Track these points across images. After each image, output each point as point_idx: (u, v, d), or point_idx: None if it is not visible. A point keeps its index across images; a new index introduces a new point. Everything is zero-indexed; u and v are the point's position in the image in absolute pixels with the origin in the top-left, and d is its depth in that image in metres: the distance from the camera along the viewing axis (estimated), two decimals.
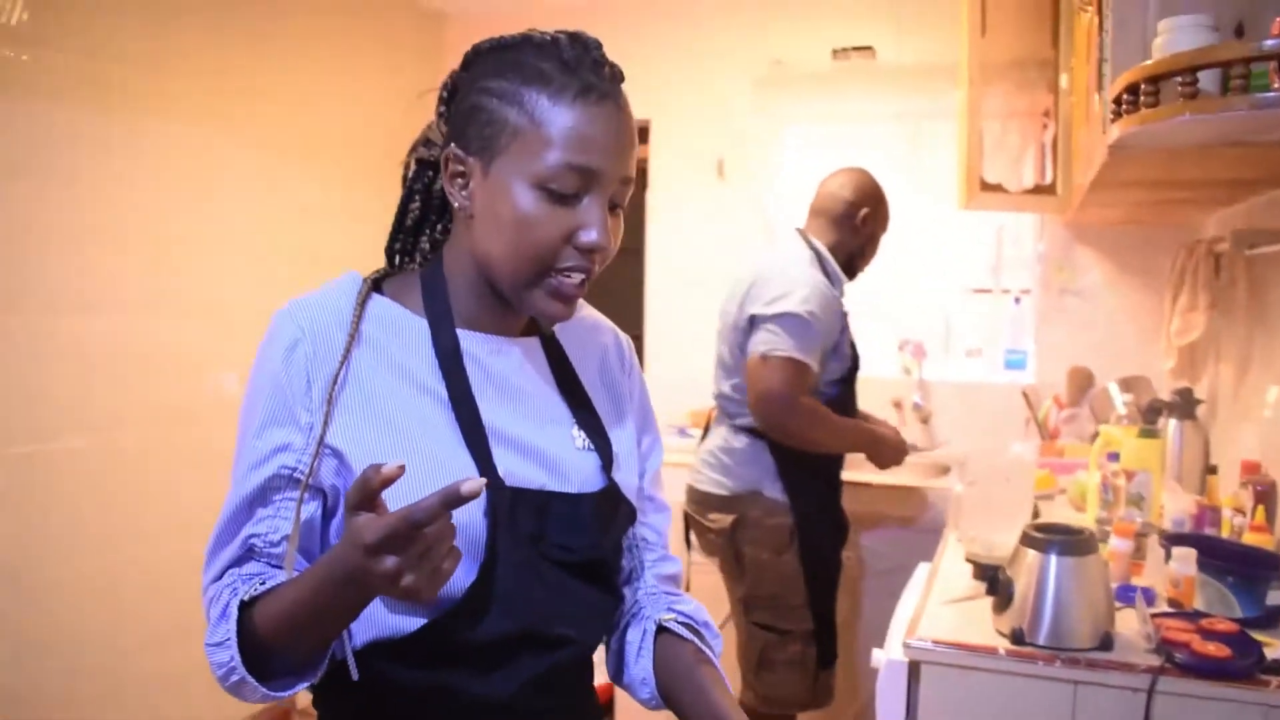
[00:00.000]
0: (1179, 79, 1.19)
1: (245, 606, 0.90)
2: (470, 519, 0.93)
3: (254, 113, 3.10)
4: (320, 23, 3.42)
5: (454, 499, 0.74)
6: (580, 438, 1.05)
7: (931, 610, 1.72)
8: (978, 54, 2.90)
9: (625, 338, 1.20)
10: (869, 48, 3.50)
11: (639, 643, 1.11)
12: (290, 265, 3.13)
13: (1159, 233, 3.07)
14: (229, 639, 0.89)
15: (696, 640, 1.10)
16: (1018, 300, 3.45)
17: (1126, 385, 2.78)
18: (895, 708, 1.62)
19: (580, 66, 0.93)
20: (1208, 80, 1.21)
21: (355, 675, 0.93)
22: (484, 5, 4.09)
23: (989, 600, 1.62)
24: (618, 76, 0.97)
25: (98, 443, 2.65)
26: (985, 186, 2.95)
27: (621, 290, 4.04)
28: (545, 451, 1.01)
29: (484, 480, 0.76)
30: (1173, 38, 1.28)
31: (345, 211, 3.34)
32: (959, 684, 1.54)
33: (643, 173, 3.97)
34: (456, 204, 0.97)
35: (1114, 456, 2.11)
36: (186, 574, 1.24)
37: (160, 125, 2.82)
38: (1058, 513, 2.35)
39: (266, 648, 0.89)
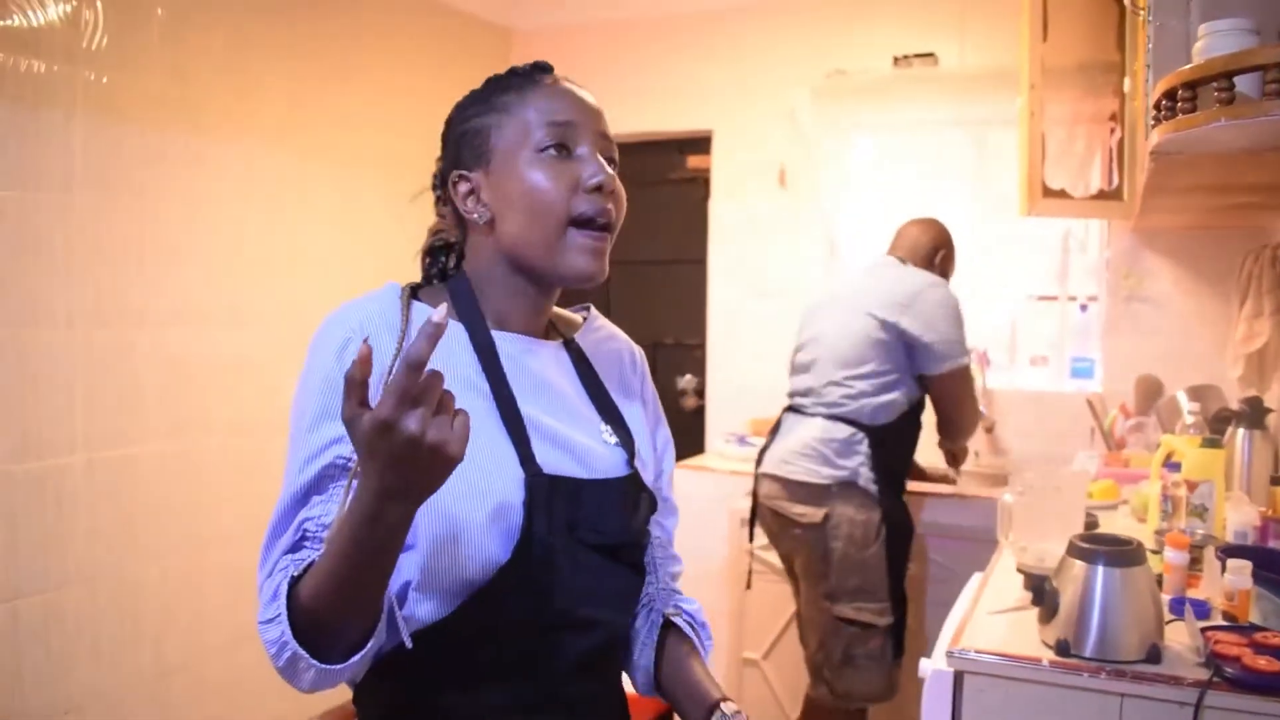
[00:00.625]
0: (1215, 84, 1.18)
1: (294, 584, 0.92)
2: (509, 504, 0.98)
3: (330, 133, 3.20)
4: (391, 44, 3.52)
5: (433, 331, 0.75)
6: (608, 432, 1.12)
7: (979, 620, 1.71)
8: (1038, 58, 2.87)
9: (638, 349, 1.27)
10: (931, 54, 3.48)
11: (645, 633, 1.17)
12: (366, 281, 3.19)
13: (1230, 237, 2.99)
14: (279, 614, 0.91)
15: (695, 639, 1.17)
16: (1084, 307, 3.39)
17: (1195, 394, 2.71)
18: (940, 718, 1.61)
19: (531, 70, 1.10)
20: (1247, 85, 1.19)
21: (408, 640, 0.94)
22: (548, 20, 4.16)
23: (1037, 611, 1.60)
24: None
25: (183, 447, 2.76)
26: (1048, 192, 2.91)
27: (684, 300, 4.08)
28: (577, 443, 1.07)
29: (444, 307, 0.77)
30: (1212, 42, 1.26)
31: (420, 228, 3.41)
32: (1003, 695, 1.53)
33: (705, 182, 4.00)
34: (475, 217, 1.06)
35: (1174, 466, 2.07)
36: None
37: (240, 146, 2.93)
38: (1119, 523, 2.31)
39: (317, 620, 0.90)
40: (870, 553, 2.57)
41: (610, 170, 1.05)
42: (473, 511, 0.97)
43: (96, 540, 2.54)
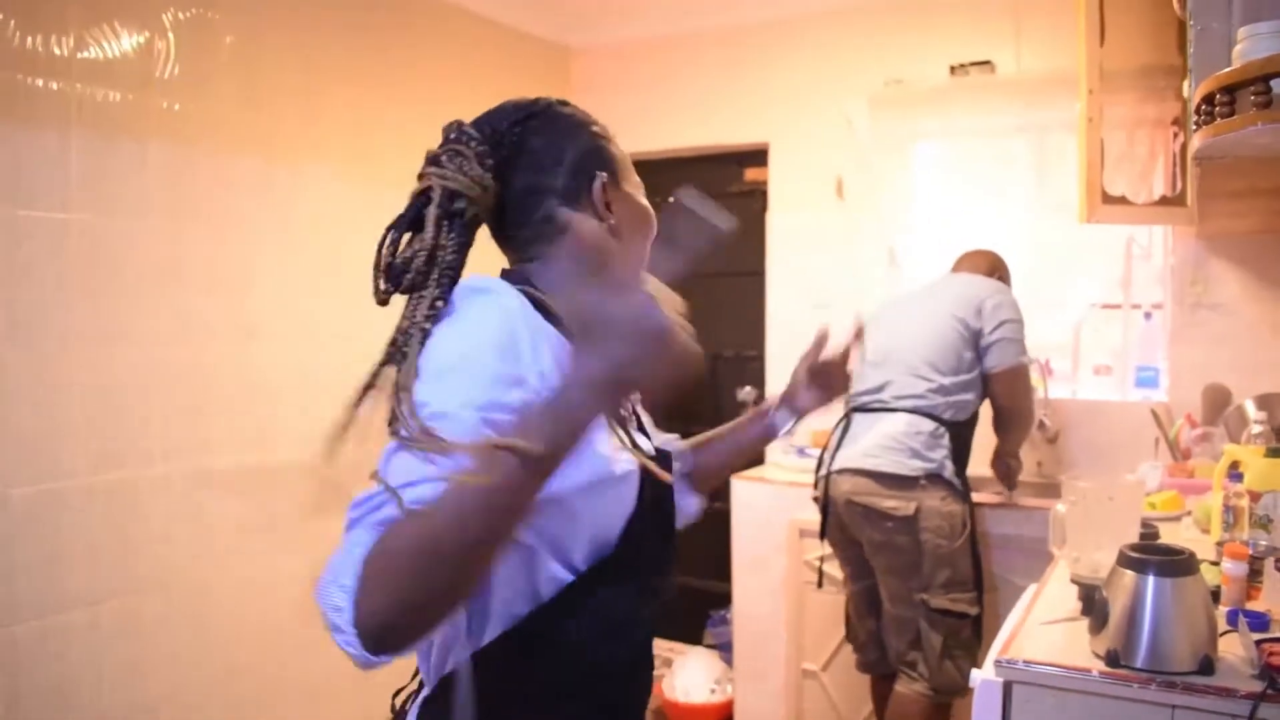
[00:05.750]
0: (1252, 88, 1.16)
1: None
2: (629, 481, 1.10)
3: (393, 156, 3.28)
4: (453, 66, 3.60)
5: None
6: (654, 434, 1.32)
7: (1030, 630, 1.70)
8: (1096, 63, 2.82)
9: None
10: (988, 62, 3.45)
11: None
12: None
13: None
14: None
15: None
16: (1148, 315, 3.31)
17: (1263, 403, 2.65)
18: None
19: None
20: None
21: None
22: (606, 38, 4.22)
23: (1087, 621, 1.59)
24: None
25: (256, 459, 2.85)
26: (1108, 199, 2.86)
27: (743, 312, 4.09)
28: (646, 441, 1.25)
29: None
30: (1251, 45, 1.24)
31: (479, 246, 3.49)
32: (1052, 705, 1.52)
33: (762, 194, 4.01)
34: (612, 221, 1.18)
35: (1237, 476, 2.02)
36: None
37: (309, 170, 3.03)
38: (1182, 535, 2.27)
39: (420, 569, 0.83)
40: (958, 545, 2.65)
41: None
42: (593, 473, 1.05)
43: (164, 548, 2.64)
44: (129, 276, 2.54)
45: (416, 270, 1.06)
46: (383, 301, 1.10)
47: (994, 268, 3.03)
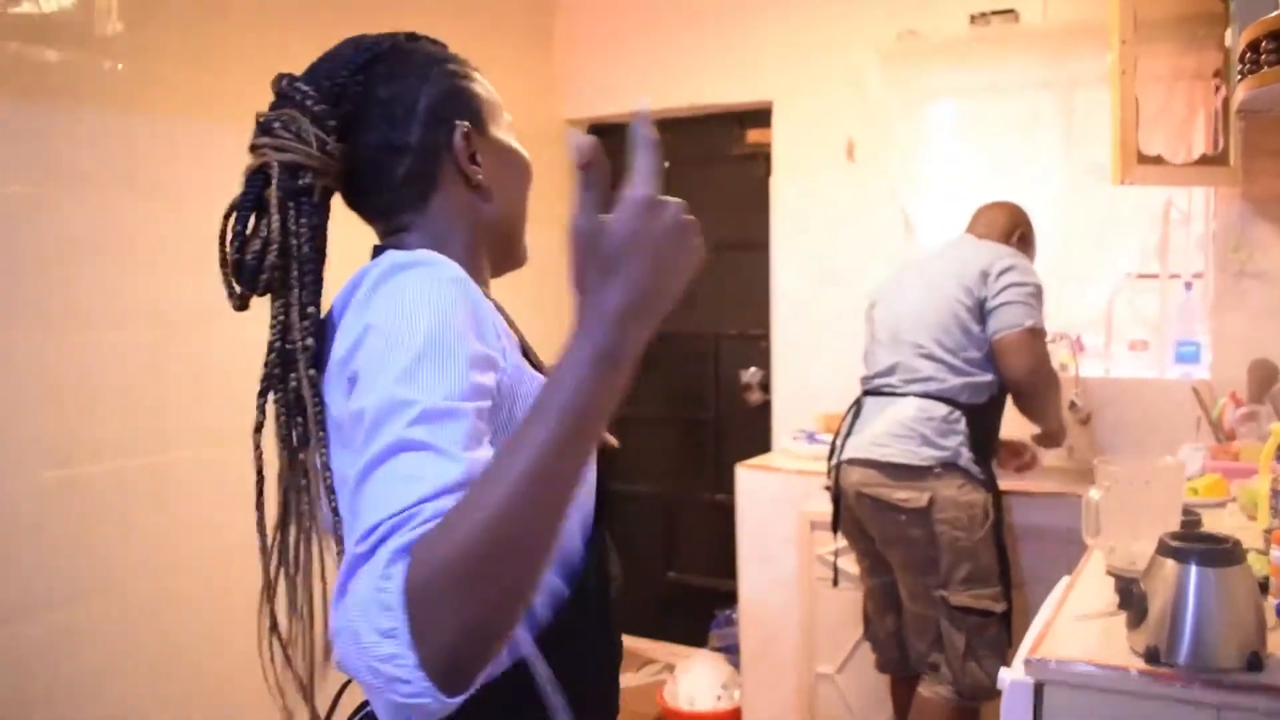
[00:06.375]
0: None
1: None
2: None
3: None
4: (429, 13, 3.56)
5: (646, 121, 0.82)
6: None
7: (1062, 627, 1.70)
8: (1130, 10, 2.81)
9: None
10: (1011, 11, 3.43)
11: None
12: None
13: None
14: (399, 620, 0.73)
15: None
16: (1188, 285, 3.31)
17: None
18: None
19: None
20: None
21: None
22: None
23: (1125, 616, 1.59)
24: None
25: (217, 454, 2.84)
26: (1143, 159, 2.86)
27: (746, 287, 4.08)
28: None
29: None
30: None
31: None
32: (1087, 707, 1.52)
33: (766, 158, 4.00)
34: (479, 179, 1.11)
35: None
36: None
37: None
38: (1227, 522, 2.27)
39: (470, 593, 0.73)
40: (980, 538, 2.64)
41: None
42: None
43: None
44: (69, 252, 2.51)
45: (271, 268, 0.98)
46: (240, 307, 1.03)
47: (1015, 223, 2.97)
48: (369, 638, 0.73)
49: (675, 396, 4.37)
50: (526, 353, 1.09)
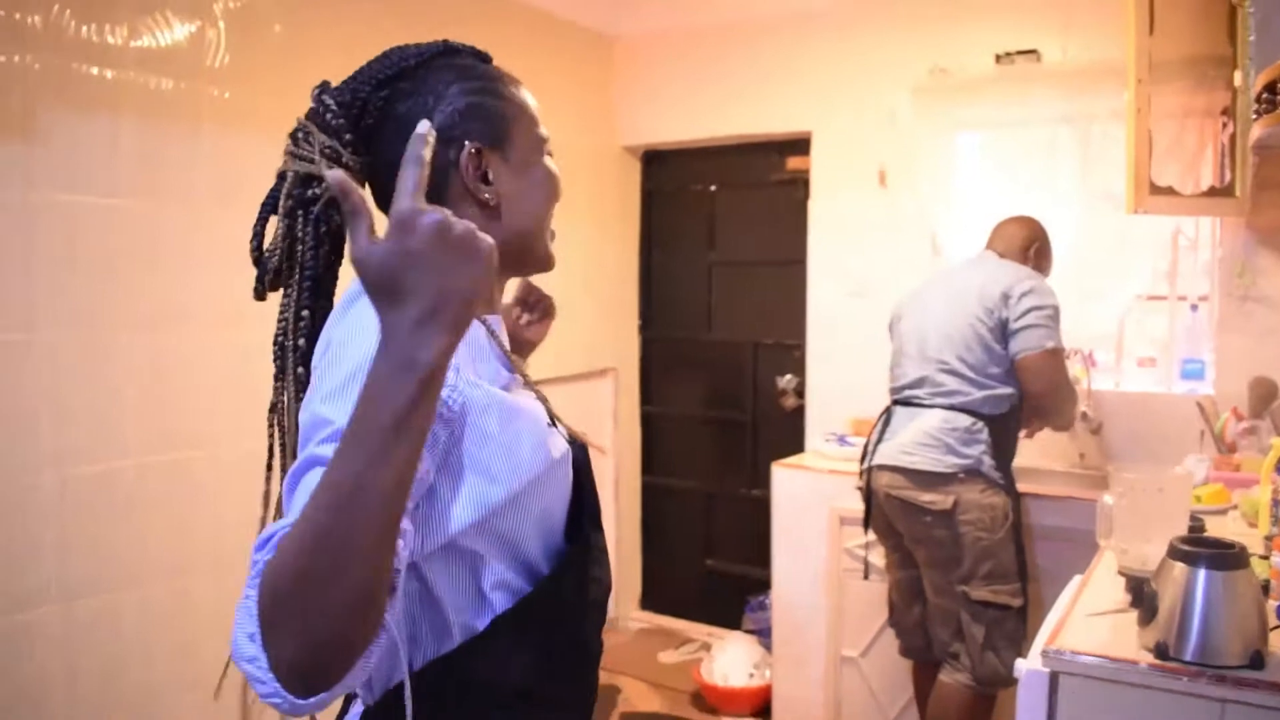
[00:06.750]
0: None
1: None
2: (565, 461, 1.04)
3: None
4: (496, 56, 3.61)
5: (422, 139, 0.76)
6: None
7: (1076, 621, 1.70)
8: (1145, 52, 2.79)
9: None
10: (1034, 51, 3.42)
11: None
12: None
13: None
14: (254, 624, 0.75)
15: None
16: (1195, 307, 3.28)
17: None
18: (1035, 718, 1.60)
19: (491, 63, 1.11)
20: None
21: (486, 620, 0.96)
22: (650, 26, 4.22)
23: (1136, 613, 1.59)
24: None
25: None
26: (1155, 189, 2.83)
27: (784, 300, 4.10)
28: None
29: (426, 123, 0.77)
30: None
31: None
32: (1099, 697, 1.52)
33: (804, 183, 4.00)
34: (486, 197, 1.02)
35: None
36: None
37: None
38: (1229, 529, 2.25)
39: (302, 600, 0.73)
40: (1000, 538, 2.64)
41: None
42: (540, 463, 0.98)
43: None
44: (177, 260, 2.57)
45: (275, 269, 0.98)
46: (259, 296, 1.02)
47: (1032, 236, 2.93)
48: (239, 638, 0.74)
49: (716, 400, 4.39)
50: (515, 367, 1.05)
